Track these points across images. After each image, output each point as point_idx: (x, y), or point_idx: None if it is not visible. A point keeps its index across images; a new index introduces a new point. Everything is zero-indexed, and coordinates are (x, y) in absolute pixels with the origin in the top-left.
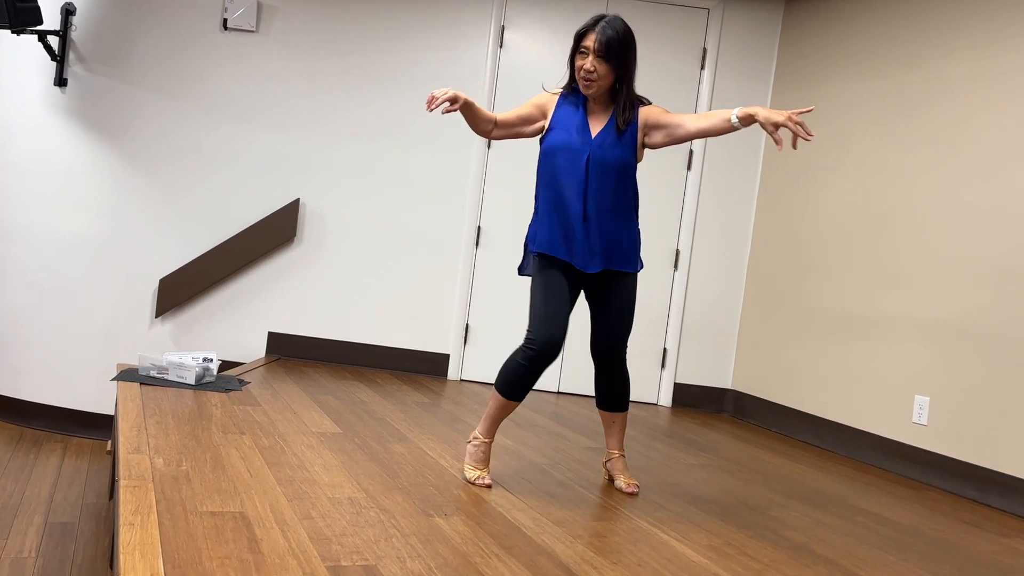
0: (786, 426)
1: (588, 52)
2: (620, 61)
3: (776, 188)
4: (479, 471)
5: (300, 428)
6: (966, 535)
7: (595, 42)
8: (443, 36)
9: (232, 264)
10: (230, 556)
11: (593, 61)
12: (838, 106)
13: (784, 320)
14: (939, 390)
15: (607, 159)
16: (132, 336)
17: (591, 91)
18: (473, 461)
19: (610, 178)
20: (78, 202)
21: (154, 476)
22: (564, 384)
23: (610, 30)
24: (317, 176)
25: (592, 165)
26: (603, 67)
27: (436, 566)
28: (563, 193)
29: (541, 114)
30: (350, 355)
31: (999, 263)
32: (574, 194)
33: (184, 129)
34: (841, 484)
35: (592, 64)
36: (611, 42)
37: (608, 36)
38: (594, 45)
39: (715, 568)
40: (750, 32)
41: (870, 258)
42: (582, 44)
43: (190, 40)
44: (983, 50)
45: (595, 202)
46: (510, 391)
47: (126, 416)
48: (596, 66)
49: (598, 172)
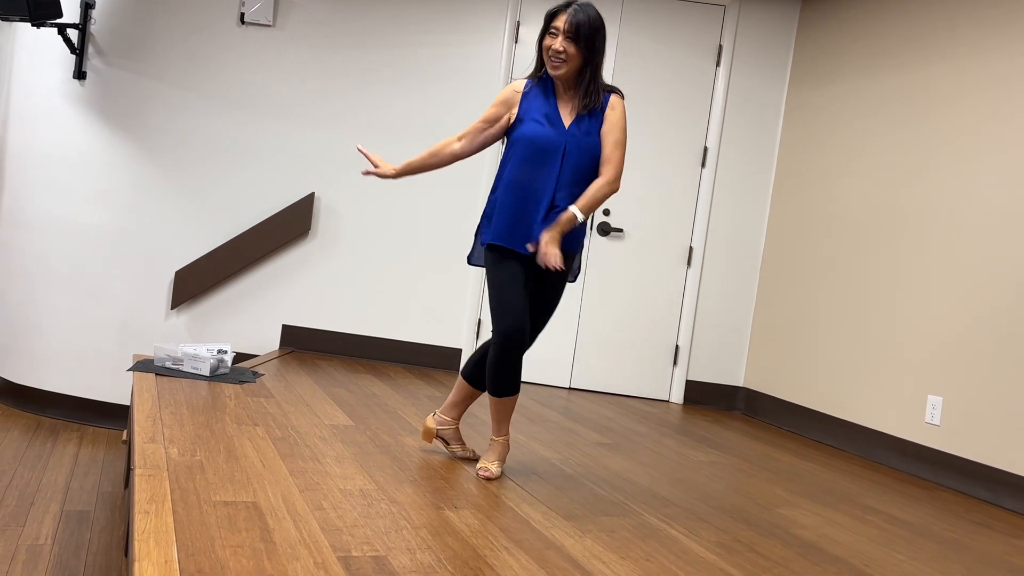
0: (798, 424)
1: (558, 33)
2: (589, 44)
3: (791, 186)
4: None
5: (313, 420)
6: (977, 535)
7: (565, 23)
8: (459, 32)
9: (247, 257)
10: (242, 545)
11: (563, 42)
12: (855, 104)
13: (797, 318)
14: (952, 390)
15: (583, 147)
16: (148, 327)
17: (559, 72)
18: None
19: (583, 166)
20: (96, 194)
21: (169, 465)
22: (576, 380)
23: (581, 13)
24: (332, 170)
25: (568, 154)
26: (572, 48)
27: (446, 558)
28: (530, 182)
29: (507, 109)
30: (363, 349)
31: (1015, 264)
32: (544, 183)
33: (201, 123)
34: (852, 483)
35: (561, 44)
36: (581, 25)
37: (579, 19)
38: (564, 26)
39: (723, 564)
40: (766, 29)
41: (884, 258)
42: (552, 24)
43: (207, 34)
44: (1004, 48)
45: (566, 190)
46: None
47: (141, 406)
48: (565, 47)
49: (573, 161)
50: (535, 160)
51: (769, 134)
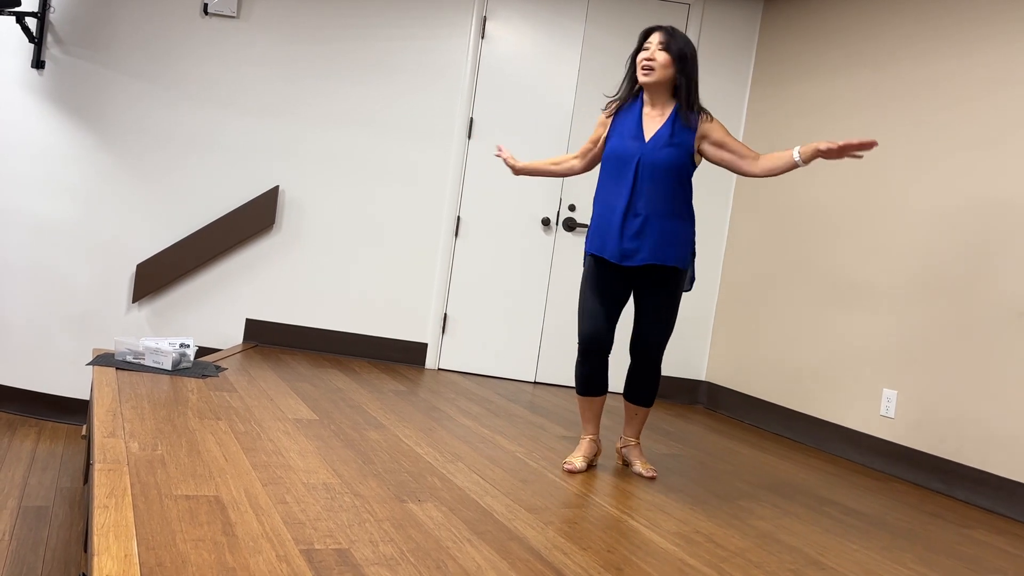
0: (758, 418)
1: (651, 46)
2: (680, 57)
3: (752, 184)
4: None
5: (276, 414)
6: (930, 525)
7: (660, 34)
8: (425, 25)
9: (210, 250)
10: (204, 539)
11: (655, 51)
12: (815, 103)
13: (757, 314)
14: (907, 384)
15: (658, 160)
16: (108, 321)
17: (648, 79)
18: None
19: (660, 178)
20: (55, 186)
21: (129, 460)
22: (541, 374)
23: (675, 30)
24: (297, 163)
25: (643, 166)
26: (663, 57)
27: (408, 550)
28: (613, 194)
29: (603, 129)
30: (328, 343)
31: (967, 259)
32: (623, 194)
33: (163, 114)
34: (809, 475)
35: (653, 53)
36: (674, 38)
37: (673, 33)
38: (658, 38)
39: (682, 555)
40: (729, 28)
41: (842, 253)
42: (646, 41)
43: (170, 24)
44: (960, 48)
45: (644, 201)
46: (578, 387)
47: (101, 400)
48: (657, 55)
49: (648, 173)
50: (615, 172)
51: (732, 132)
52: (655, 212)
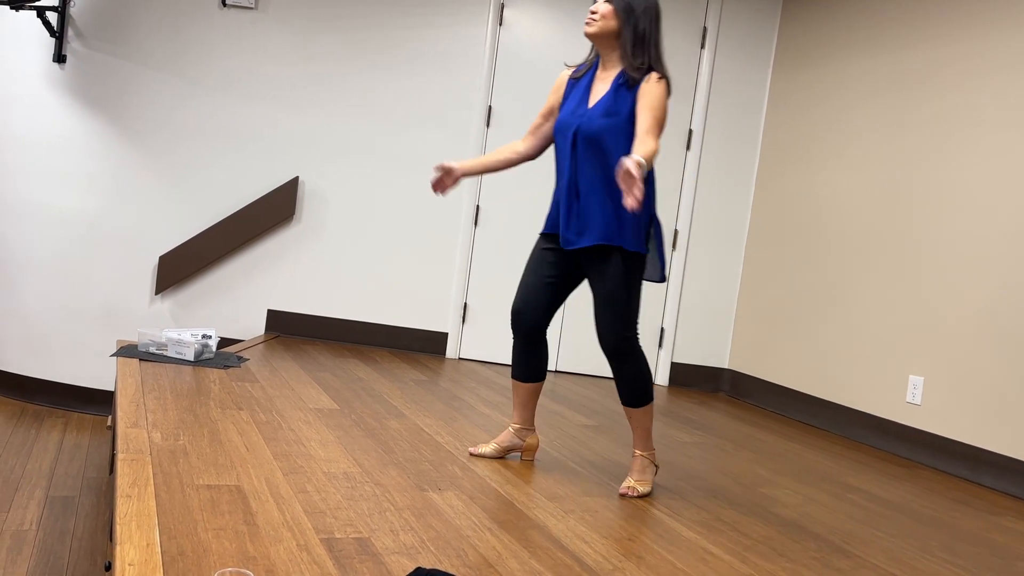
0: (781, 405)
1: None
2: (627, 8)
3: (775, 169)
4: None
5: (297, 404)
6: (956, 513)
7: None
8: (443, 13)
9: (232, 242)
10: (225, 528)
11: (600, 2)
12: (839, 87)
13: (781, 300)
14: (933, 370)
15: (592, 131)
16: (132, 313)
17: (589, 29)
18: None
19: (595, 152)
20: (78, 178)
21: (152, 450)
22: (561, 363)
23: None
24: (316, 154)
25: (580, 139)
26: (606, 7)
27: (428, 539)
28: (559, 172)
29: (556, 98)
30: (349, 333)
31: (996, 245)
32: (564, 171)
33: (183, 106)
34: (834, 462)
35: (598, 5)
36: None
37: None
38: None
39: (704, 543)
40: (751, 11)
41: (867, 239)
42: None
43: (189, 17)
44: (984, 28)
45: (584, 176)
46: (512, 370)
47: (125, 391)
48: (600, 7)
49: (584, 146)
50: (559, 146)
51: (754, 117)
52: (594, 190)
